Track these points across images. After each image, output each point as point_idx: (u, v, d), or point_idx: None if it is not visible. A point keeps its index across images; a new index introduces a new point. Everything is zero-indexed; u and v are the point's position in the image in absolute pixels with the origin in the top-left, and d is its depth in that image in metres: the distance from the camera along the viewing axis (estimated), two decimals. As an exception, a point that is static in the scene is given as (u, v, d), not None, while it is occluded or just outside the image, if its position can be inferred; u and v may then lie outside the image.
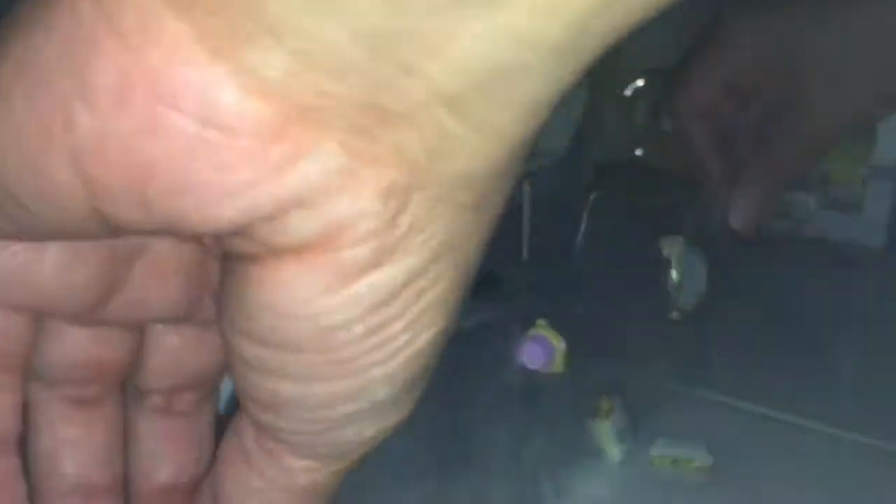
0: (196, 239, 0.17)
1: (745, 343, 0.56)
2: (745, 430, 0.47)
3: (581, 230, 0.52)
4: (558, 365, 0.42)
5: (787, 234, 0.74)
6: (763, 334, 0.58)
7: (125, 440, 0.19)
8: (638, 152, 0.64)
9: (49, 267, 0.16)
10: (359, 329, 0.14)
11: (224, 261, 0.15)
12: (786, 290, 0.66)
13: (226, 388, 0.20)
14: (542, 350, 0.41)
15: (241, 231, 0.13)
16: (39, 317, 0.17)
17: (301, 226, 0.13)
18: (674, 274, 0.44)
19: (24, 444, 0.18)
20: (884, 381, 0.53)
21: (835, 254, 0.71)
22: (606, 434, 0.43)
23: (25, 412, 0.18)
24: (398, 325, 0.14)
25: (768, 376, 0.52)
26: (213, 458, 0.18)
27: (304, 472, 0.17)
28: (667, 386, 0.50)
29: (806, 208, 0.73)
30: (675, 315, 0.43)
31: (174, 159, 0.12)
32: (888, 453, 0.45)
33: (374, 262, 0.13)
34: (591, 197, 0.53)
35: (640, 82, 0.57)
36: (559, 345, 0.41)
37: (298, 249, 0.13)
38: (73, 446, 0.18)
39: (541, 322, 0.40)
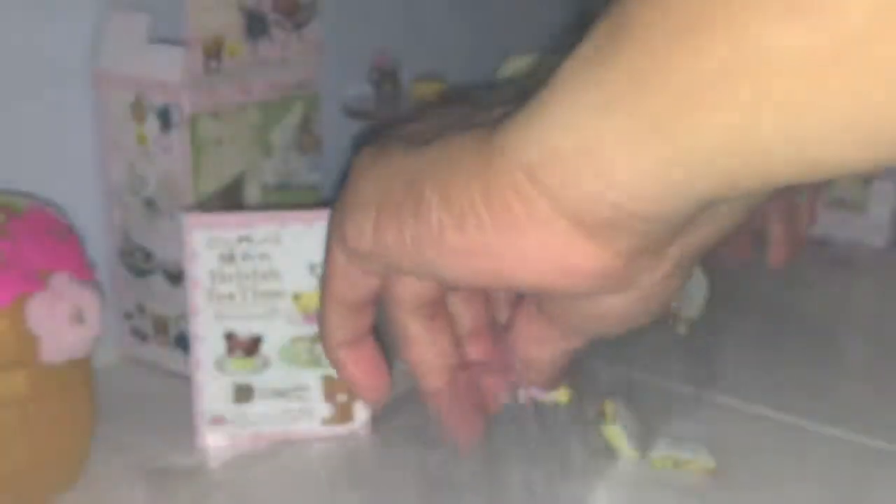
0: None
1: (747, 343, 0.57)
2: (746, 430, 0.47)
3: None
4: (562, 395, 0.41)
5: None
6: (766, 334, 0.59)
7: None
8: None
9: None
10: (645, 311, 0.26)
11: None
12: (789, 289, 0.66)
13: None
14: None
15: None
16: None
17: (623, 289, 0.25)
18: None
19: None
20: (886, 380, 0.53)
21: (838, 253, 0.71)
22: (618, 437, 0.42)
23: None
24: (665, 300, 0.26)
25: (770, 376, 0.53)
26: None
27: (572, 342, 0.30)
28: (670, 387, 0.51)
29: (808, 208, 0.73)
30: (681, 329, 0.44)
31: (571, 286, 0.24)
32: (888, 453, 0.45)
33: (662, 287, 0.25)
34: None
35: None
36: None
37: (620, 293, 0.25)
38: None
39: None
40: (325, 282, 0.30)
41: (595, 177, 0.21)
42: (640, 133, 0.20)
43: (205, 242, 0.41)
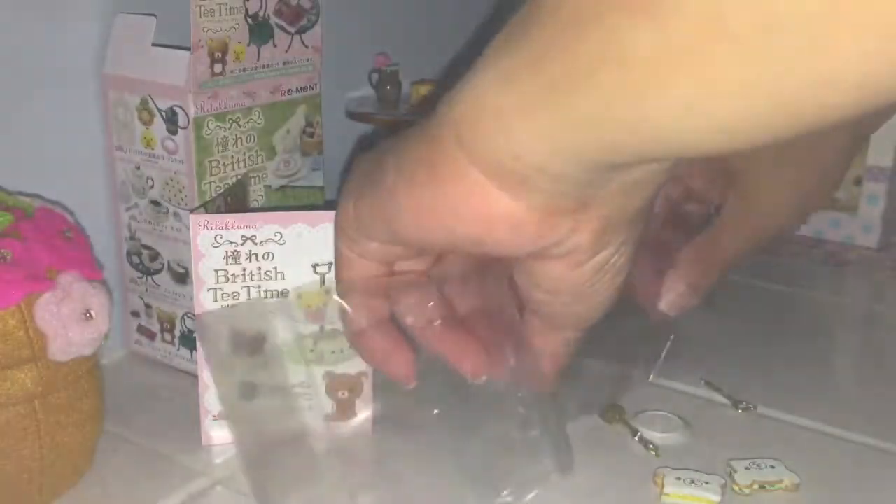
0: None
1: (739, 341, 0.57)
2: (745, 428, 0.48)
3: None
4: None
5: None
6: (758, 332, 0.59)
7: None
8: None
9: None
10: (588, 283, 0.30)
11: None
12: (781, 288, 0.67)
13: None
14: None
15: (523, 256, 0.30)
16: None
17: (554, 252, 0.29)
18: None
19: None
20: (879, 379, 0.54)
21: (829, 253, 0.72)
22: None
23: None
24: (608, 277, 0.30)
25: (763, 374, 0.53)
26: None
27: (561, 334, 0.34)
28: (653, 381, 0.51)
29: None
30: None
31: (495, 238, 0.28)
32: (887, 453, 0.45)
33: (593, 254, 0.29)
34: None
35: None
36: None
37: (554, 257, 0.29)
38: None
39: None
40: (336, 275, 0.34)
41: (501, 134, 0.26)
42: (533, 102, 0.24)
43: (210, 242, 0.42)
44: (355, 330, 0.35)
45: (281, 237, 0.42)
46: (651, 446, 0.45)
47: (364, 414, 0.45)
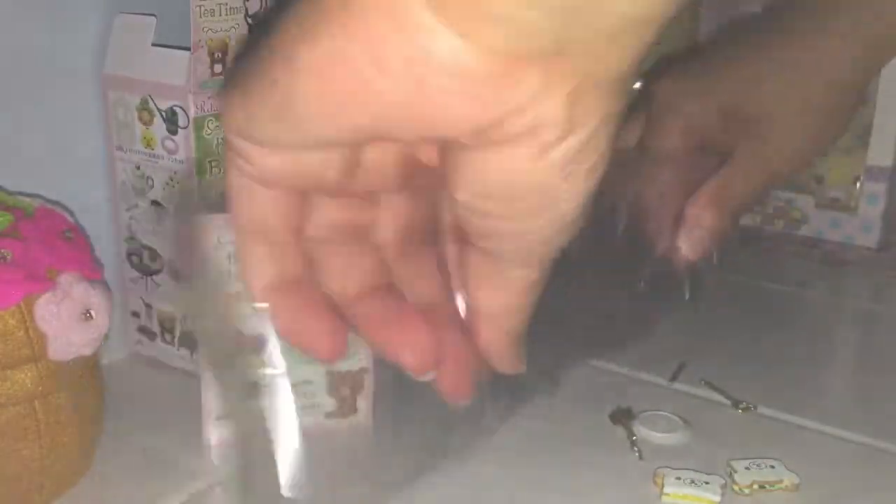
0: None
1: (739, 341, 0.57)
2: (745, 428, 0.48)
3: None
4: None
5: (783, 234, 0.75)
6: (758, 332, 0.59)
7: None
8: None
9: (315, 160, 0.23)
10: (555, 179, 0.22)
11: (448, 149, 0.22)
12: (781, 288, 0.67)
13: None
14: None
15: (473, 134, 0.20)
16: (306, 195, 0.25)
17: (514, 127, 0.20)
18: None
19: None
20: (879, 379, 0.54)
21: (829, 253, 0.72)
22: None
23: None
24: (579, 173, 0.22)
25: (763, 374, 0.53)
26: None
27: (517, 274, 0.24)
28: (655, 381, 0.51)
29: (801, 209, 0.74)
30: None
31: (432, 101, 0.19)
32: (887, 453, 0.45)
33: (562, 138, 0.21)
34: None
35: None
36: None
37: (513, 139, 0.20)
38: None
39: None
40: (233, 218, 0.25)
41: None
42: None
43: (211, 242, 0.42)
44: (258, 290, 0.26)
45: (281, 237, 0.42)
46: (636, 449, 0.45)
47: (366, 410, 0.45)
